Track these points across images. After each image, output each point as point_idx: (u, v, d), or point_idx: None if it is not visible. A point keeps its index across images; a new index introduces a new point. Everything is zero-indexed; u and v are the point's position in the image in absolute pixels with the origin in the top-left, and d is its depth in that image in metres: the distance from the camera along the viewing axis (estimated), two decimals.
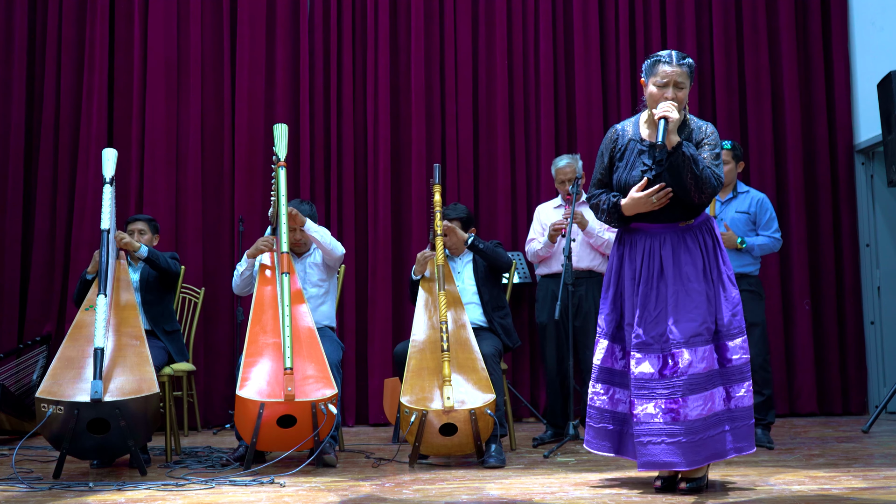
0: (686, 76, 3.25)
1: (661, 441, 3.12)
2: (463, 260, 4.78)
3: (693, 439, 3.11)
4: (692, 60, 3.33)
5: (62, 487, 3.50)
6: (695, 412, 3.12)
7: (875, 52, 6.23)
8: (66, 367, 3.85)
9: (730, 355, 3.23)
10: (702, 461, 3.14)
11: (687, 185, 3.17)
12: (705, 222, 3.32)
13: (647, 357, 3.18)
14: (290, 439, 3.88)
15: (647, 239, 3.28)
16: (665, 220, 3.26)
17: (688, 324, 3.17)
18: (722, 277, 3.26)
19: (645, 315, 3.22)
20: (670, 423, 3.11)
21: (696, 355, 3.15)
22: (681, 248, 3.24)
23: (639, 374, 3.18)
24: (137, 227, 4.67)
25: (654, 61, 3.27)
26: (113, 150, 4.28)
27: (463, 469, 3.92)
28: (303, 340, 4.12)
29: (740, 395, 3.21)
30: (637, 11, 6.40)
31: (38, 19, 6.22)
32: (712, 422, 3.15)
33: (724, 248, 3.38)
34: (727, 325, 3.23)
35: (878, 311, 6.25)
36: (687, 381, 3.13)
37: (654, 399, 3.14)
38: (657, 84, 3.24)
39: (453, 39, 6.31)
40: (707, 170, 3.17)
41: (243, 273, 4.52)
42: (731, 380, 3.22)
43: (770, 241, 4.74)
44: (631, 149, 3.32)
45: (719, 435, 3.16)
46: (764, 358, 4.66)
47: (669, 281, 3.21)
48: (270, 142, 4.49)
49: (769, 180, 6.19)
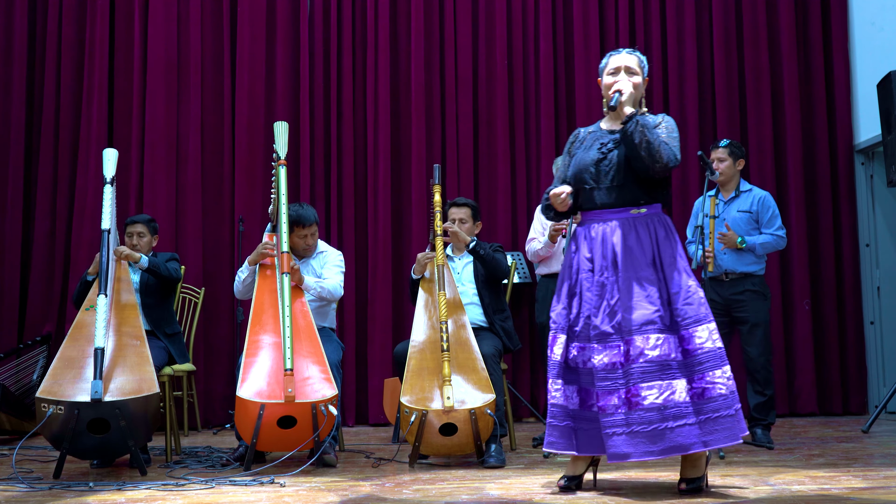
0: (636, 63, 3.34)
1: (622, 432, 3.10)
2: (463, 260, 4.78)
3: (647, 429, 3.07)
4: (643, 55, 3.42)
5: (62, 487, 3.50)
6: (647, 400, 3.08)
7: (875, 52, 6.23)
8: (66, 367, 3.86)
9: (691, 346, 3.15)
10: (658, 454, 3.08)
11: (641, 154, 3.18)
12: (659, 214, 3.31)
13: (608, 347, 3.16)
14: (290, 440, 3.88)
15: (599, 228, 3.28)
16: (619, 203, 3.26)
17: (639, 311, 3.15)
18: (676, 266, 3.22)
19: (603, 305, 3.20)
20: (627, 413, 3.09)
21: (647, 343, 3.12)
22: (631, 236, 3.23)
23: (600, 366, 3.16)
24: (137, 230, 4.67)
25: (605, 57, 3.42)
26: (113, 150, 4.28)
27: (463, 469, 3.92)
28: (303, 340, 4.12)
29: (709, 385, 3.11)
30: (637, 11, 6.40)
31: (38, 19, 6.22)
32: (671, 413, 3.07)
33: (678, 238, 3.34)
34: (682, 314, 3.17)
35: (878, 311, 6.25)
36: (639, 369, 3.10)
37: (617, 390, 3.12)
38: (609, 73, 3.35)
39: (453, 39, 6.31)
40: (663, 143, 3.20)
41: (245, 279, 4.51)
42: (694, 370, 3.14)
43: (773, 238, 4.74)
44: (591, 137, 3.40)
45: (682, 428, 3.07)
46: (767, 358, 4.66)
47: (621, 269, 3.20)
48: (270, 142, 4.49)
49: (769, 180, 6.19)
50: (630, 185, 3.26)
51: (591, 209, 3.32)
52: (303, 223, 4.50)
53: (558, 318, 3.32)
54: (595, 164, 3.29)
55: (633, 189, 3.26)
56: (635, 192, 3.26)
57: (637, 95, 3.32)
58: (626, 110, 3.24)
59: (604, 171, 3.28)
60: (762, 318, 4.69)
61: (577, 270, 3.31)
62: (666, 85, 6.37)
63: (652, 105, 6.29)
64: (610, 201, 3.27)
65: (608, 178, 3.27)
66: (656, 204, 3.31)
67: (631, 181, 3.26)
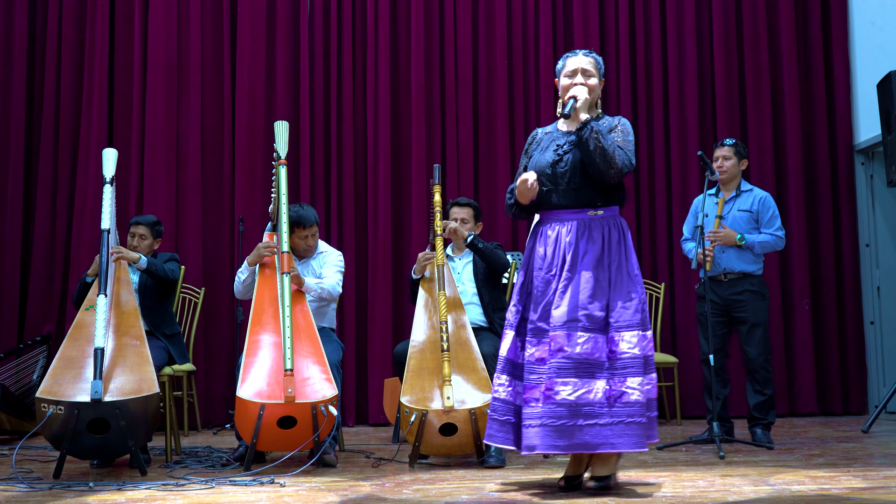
0: (592, 65, 3.37)
1: (535, 424, 3.12)
2: (463, 260, 4.78)
3: (556, 423, 3.09)
4: (599, 56, 3.43)
5: (62, 487, 3.50)
6: (560, 395, 3.10)
7: (875, 52, 6.23)
8: (66, 367, 3.85)
9: (617, 349, 3.17)
10: (564, 449, 3.11)
11: (596, 160, 3.20)
12: (615, 217, 3.33)
13: (541, 343, 3.20)
14: (290, 440, 3.87)
15: (556, 227, 3.30)
16: (575, 204, 3.28)
17: (568, 308, 3.17)
18: (622, 271, 3.25)
19: (543, 302, 3.23)
20: (542, 406, 3.12)
21: (568, 340, 3.14)
22: (584, 237, 3.25)
23: (529, 359, 3.20)
24: (139, 231, 4.66)
25: (562, 59, 3.43)
26: (113, 150, 4.28)
27: (463, 469, 3.92)
28: (303, 340, 4.12)
29: (626, 390, 3.13)
30: (637, 11, 6.40)
31: (38, 19, 6.22)
32: (584, 412, 3.10)
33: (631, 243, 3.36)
34: (618, 318, 3.19)
35: (878, 311, 6.25)
36: (556, 365, 3.12)
37: (540, 383, 3.15)
38: (566, 75, 3.37)
39: (453, 39, 6.31)
40: (618, 148, 3.22)
41: (245, 280, 4.51)
42: (616, 373, 3.15)
43: (772, 238, 4.74)
44: (548, 138, 3.42)
45: (591, 427, 3.10)
46: (766, 358, 4.66)
47: (567, 268, 3.23)
48: (271, 142, 4.49)
49: (769, 180, 6.19)
50: (586, 187, 3.28)
51: (549, 209, 3.34)
52: (303, 224, 4.50)
53: (509, 316, 3.37)
54: (551, 167, 3.30)
55: (589, 191, 3.28)
56: (591, 195, 3.28)
57: (593, 98, 3.35)
58: (580, 116, 3.26)
59: (560, 172, 3.29)
60: (761, 318, 4.69)
61: (530, 269, 3.34)
62: (666, 85, 6.37)
63: (652, 105, 6.33)
64: (567, 203, 3.29)
65: (564, 180, 3.29)
66: (613, 206, 3.33)
67: (587, 184, 3.28)
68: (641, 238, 6.24)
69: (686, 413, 5.92)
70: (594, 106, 3.39)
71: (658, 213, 6.25)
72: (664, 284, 6.11)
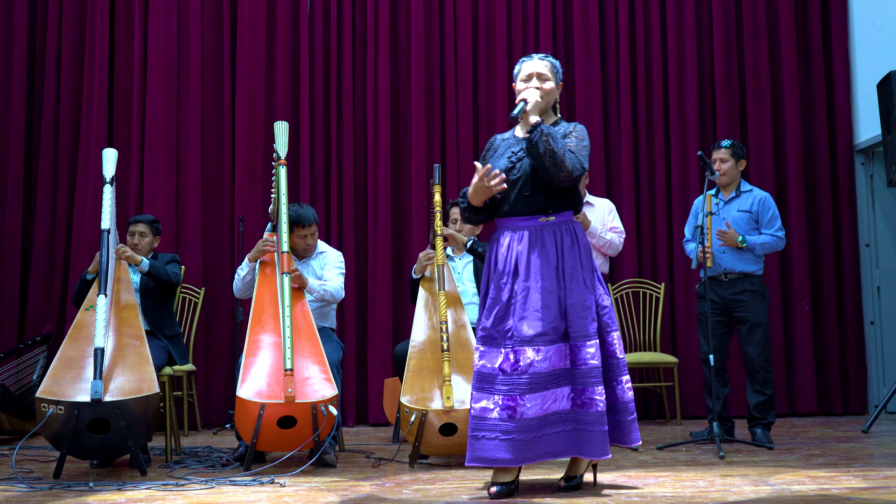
0: (549, 69, 3.34)
1: (496, 437, 3.07)
2: (463, 260, 4.78)
3: (527, 437, 3.08)
4: (556, 60, 3.40)
5: (62, 487, 3.50)
6: (532, 411, 3.08)
7: (875, 52, 6.23)
8: (66, 367, 3.85)
9: (581, 358, 3.16)
10: (533, 458, 3.10)
11: (546, 163, 3.17)
12: (568, 222, 3.30)
13: (491, 351, 3.16)
14: (290, 440, 3.88)
15: (507, 235, 3.29)
16: (527, 212, 3.26)
17: (533, 322, 3.13)
18: (577, 277, 3.22)
19: (496, 309, 3.20)
20: (506, 420, 3.07)
21: (538, 354, 3.11)
22: (537, 245, 3.23)
23: (480, 368, 3.16)
24: (139, 229, 4.67)
25: (518, 63, 3.39)
26: (113, 150, 4.28)
27: (463, 469, 3.92)
28: (303, 340, 4.12)
29: (585, 399, 3.14)
30: (637, 11, 6.40)
31: (38, 19, 6.23)
32: (551, 420, 3.11)
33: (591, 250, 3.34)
34: (575, 327, 3.17)
35: (878, 311, 6.25)
36: (528, 380, 3.09)
37: (493, 395, 3.11)
38: (521, 79, 3.34)
39: (453, 39, 6.31)
40: (569, 152, 3.19)
41: (245, 277, 4.51)
42: (579, 382, 3.15)
43: (773, 239, 4.74)
44: (504, 145, 3.40)
45: (557, 434, 3.11)
46: (765, 358, 4.66)
47: (521, 277, 3.20)
48: (271, 142, 4.49)
49: (769, 180, 6.19)
50: (538, 193, 3.25)
51: (503, 217, 3.32)
52: (302, 223, 4.50)
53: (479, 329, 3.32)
54: (504, 173, 3.27)
55: (540, 198, 3.25)
56: (543, 202, 3.25)
57: (548, 102, 3.32)
58: (531, 119, 3.23)
59: (512, 179, 3.27)
60: (761, 318, 4.69)
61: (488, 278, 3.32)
62: (666, 85, 6.37)
63: (652, 105, 6.33)
64: (519, 210, 3.27)
65: (516, 187, 3.26)
66: (566, 212, 3.30)
67: (539, 190, 3.25)
68: (641, 238, 6.24)
69: (686, 413, 5.92)
70: (553, 111, 3.37)
71: (658, 213, 6.25)
72: (664, 284, 6.11)
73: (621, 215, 5.47)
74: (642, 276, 6.19)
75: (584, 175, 3.28)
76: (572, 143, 3.24)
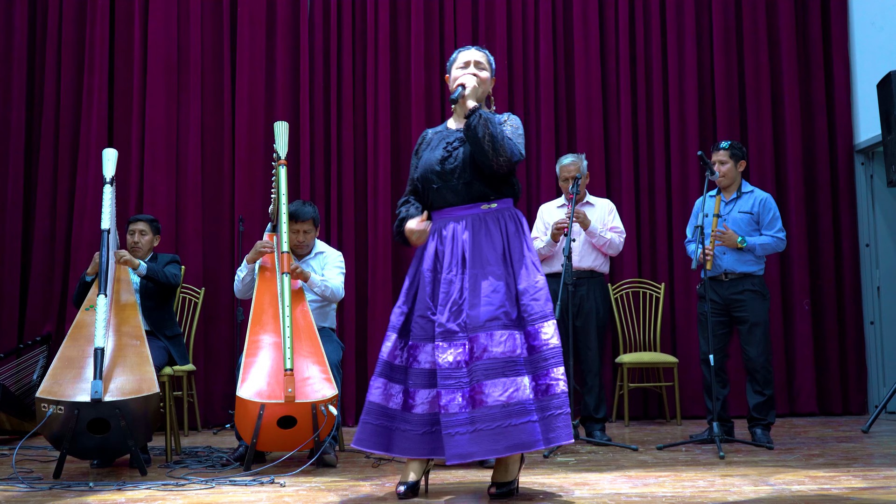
0: (485, 59, 3.34)
1: (466, 431, 3.02)
2: None
3: (491, 426, 3.00)
4: (490, 54, 3.41)
5: (62, 487, 3.50)
6: (491, 398, 3.02)
7: (875, 52, 6.23)
8: (66, 367, 3.85)
9: (536, 342, 3.11)
10: (503, 451, 3.02)
11: (485, 147, 3.14)
12: (510, 209, 3.29)
13: (452, 345, 3.10)
14: (290, 440, 3.88)
15: (451, 226, 3.25)
16: (468, 200, 3.24)
17: (484, 307, 3.10)
18: (524, 262, 3.19)
19: (449, 303, 3.15)
20: (471, 412, 3.03)
21: (492, 340, 3.07)
22: (481, 232, 3.20)
23: (444, 364, 3.09)
24: (139, 228, 4.67)
25: (455, 53, 3.40)
26: (113, 150, 4.28)
27: (463, 469, 3.92)
28: (303, 340, 4.12)
29: (550, 382, 3.08)
30: (637, 11, 6.40)
31: (38, 19, 6.23)
32: (516, 410, 3.01)
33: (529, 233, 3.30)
34: (529, 310, 3.13)
35: (878, 311, 6.25)
36: (483, 367, 3.04)
37: (461, 388, 3.06)
38: (458, 67, 3.34)
39: (453, 39, 6.31)
40: (507, 138, 3.18)
41: (244, 278, 4.51)
42: (538, 367, 3.10)
43: (773, 240, 4.73)
44: (437, 137, 3.39)
45: (525, 425, 3.00)
46: (766, 358, 4.66)
47: (469, 266, 3.17)
48: (271, 142, 4.49)
49: (769, 180, 6.19)
50: (477, 181, 3.23)
51: (442, 207, 3.29)
52: (297, 218, 4.49)
53: (392, 318, 3.29)
54: (440, 163, 3.26)
55: (480, 185, 3.23)
56: (483, 188, 3.24)
57: (484, 91, 3.30)
58: (469, 104, 3.21)
59: (449, 169, 3.25)
60: (761, 318, 4.69)
61: (420, 270, 3.28)
62: (666, 85, 6.37)
63: (652, 105, 6.33)
64: (459, 199, 3.25)
65: (454, 175, 3.24)
66: (507, 199, 3.29)
67: (478, 177, 3.23)
68: (641, 238, 6.24)
69: (686, 413, 5.92)
70: (487, 103, 3.35)
71: (658, 213, 6.25)
72: (664, 284, 6.11)
73: (621, 215, 5.47)
74: (642, 276, 6.19)
75: (521, 161, 3.25)
76: (508, 131, 3.24)
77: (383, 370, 3.26)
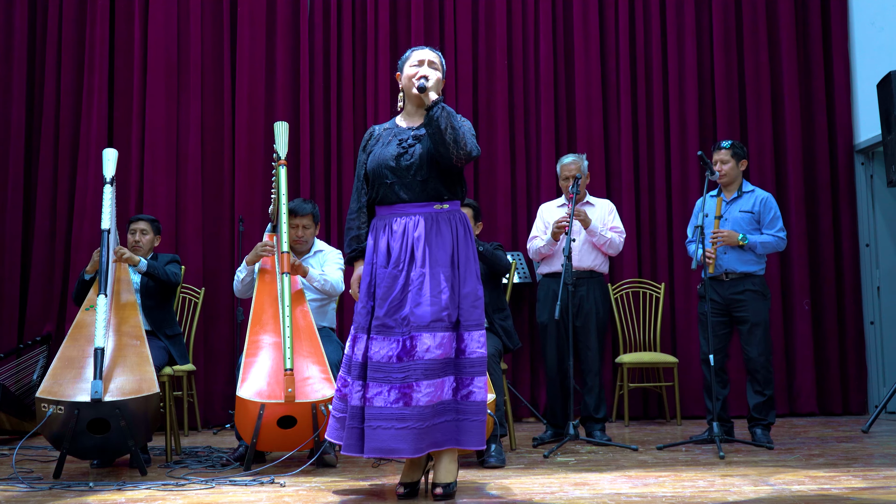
0: (438, 59, 3.36)
1: (392, 427, 3.02)
2: None
3: (421, 426, 3.03)
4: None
5: (62, 487, 3.50)
6: (425, 398, 3.03)
7: (875, 52, 6.23)
8: (66, 367, 3.85)
9: (466, 347, 3.14)
10: (425, 449, 3.05)
11: (446, 139, 3.15)
12: (459, 211, 3.30)
13: (387, 340, 3.10)
14: (290, 440, 3.88)
15: (402, 221, 3.23)
16: (423, 198, 3.23)
17: (432, 307, 3.10)
18: (469, 267, 3.21)
19: (390, 297, 3.14)
20: (402, 409, 3.03)
21: (434, 340, 3.08)
22: (433, 231, 3.20)
23: (376, 358, 3.09)
24: (140, 227, 4.67)
25: (407, 52, 3.40)
26: (113, 150, 4.28)
27: (463, 469, 3.92)
28: (303, 340, 4.12)
29: (471, 389, 3.11)
30: (637, 11, 6.40)
31: (38, 19, 6.23)
32: (440, 409, 3.07)
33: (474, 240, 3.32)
34: (467, 316, 3.15)
35: (878, 311, 6.25)
36: (423, 366, 3.05)
37: (390, 384, 3.05)
38: (412, 65, 3.34)
39: (453, 39, 6.31)
40: (467, 131, 3.21)
41: (244, 279, 4.51)
42: (462, 371, 3.13)
43: (774, 239, 4.73)
44: (388, 134, 3.38)
45: (444, 424, 3.08)
46: (766, 358, 4.66)
47: (418, 263, 3.16)
48: (271, 142, 4.49)
49: (769, 180, 6.19)
50: (433, 179, 3.24)
51: (393, 203, 3.26)
52: (296, 212, 4.49)
53: (357, 318, 3.25)
54: (395, 159, 3.25)
55: (436, 183, 3.24)
56: (438, 187, 3.24)
57: (437, 90, 3.30)
58: (431, 96, 3.23)
59: (405, 165, 3.24)
60: (762, 318, 4.69)
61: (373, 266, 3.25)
62: (666, 85, 6.37)
63: (652, 105, 6.33)
64: (412, 195, 3.24)
65: (410, 172, 3.24)
66: (457, 201, 3.30)
67: (434, 176, 3.24)
68: (641, 238, 6.24)
69: (686, 413, 5.92)
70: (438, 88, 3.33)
71: (658, 213, 6.25)
72: (664, 284, 6.11)
73: (621, 215, 5.47)
74: (642, 276, 6.19)
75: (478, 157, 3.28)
76: (467, 127, 3.28)
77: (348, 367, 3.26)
